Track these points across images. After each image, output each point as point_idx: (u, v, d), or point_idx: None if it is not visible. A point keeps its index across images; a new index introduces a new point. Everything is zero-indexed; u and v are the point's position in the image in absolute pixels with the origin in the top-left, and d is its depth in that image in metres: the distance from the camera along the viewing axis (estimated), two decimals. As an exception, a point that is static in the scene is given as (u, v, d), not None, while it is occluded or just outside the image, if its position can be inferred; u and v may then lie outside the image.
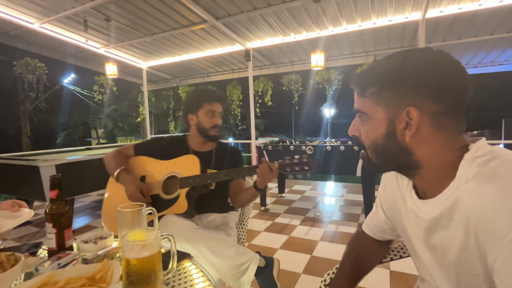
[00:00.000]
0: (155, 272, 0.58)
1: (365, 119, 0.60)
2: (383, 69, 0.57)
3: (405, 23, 3.76)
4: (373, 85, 0.57)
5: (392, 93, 0.55)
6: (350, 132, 0.65)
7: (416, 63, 0.54)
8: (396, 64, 0.55)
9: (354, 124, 0.64)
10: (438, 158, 0.55)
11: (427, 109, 0.53)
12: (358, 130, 0.63)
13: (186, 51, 5.08)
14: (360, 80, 0.60)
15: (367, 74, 0.59)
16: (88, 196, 4.52)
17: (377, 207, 0.81)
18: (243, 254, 1.16)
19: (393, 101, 0.55)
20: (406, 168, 0.60)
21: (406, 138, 0.55)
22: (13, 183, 2.80)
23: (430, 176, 0.57)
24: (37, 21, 3.82)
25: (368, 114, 0.59)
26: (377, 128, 0.58)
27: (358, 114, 0.62)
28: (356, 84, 0.61)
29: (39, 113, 10.45)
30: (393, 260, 0.90)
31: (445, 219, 0.54)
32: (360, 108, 0.61)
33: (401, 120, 0.54)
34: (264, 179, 1.22)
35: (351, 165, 3.06)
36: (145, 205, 0.84)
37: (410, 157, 0.57)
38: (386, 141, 0.58)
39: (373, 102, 0.58)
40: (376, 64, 0.59)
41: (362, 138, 0.62)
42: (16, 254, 0.68)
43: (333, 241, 2.64)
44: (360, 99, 0.60)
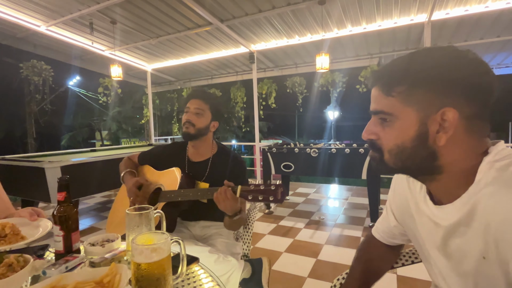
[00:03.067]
0: (165, 277, 0.57)
1: (389, 121, 0.55)
2: (413, 66, 0.52)
3: (411, 25, 3.74)
4: (402, 83, 0.52)
5: (425, 92, 0.51)
6: (365, 135, 0.59)
7: (450, 60, 0.50)
8: (428, 61, 0.51)
9: (371, 127, 0.59)
10: (462, 163, 0.52)
11: (462, 110, 0.49)
12: (376, 133, 0.58)
13: (190, 53, 5.09)
14: (384, 78, 0.55)
15: (393, 71, 0.54)
16: (93, 198, 4.53)
17: (387, 212, 0.79)
18: (223, 263, 1.06)
19: (425, 101, 0.51)
20: (425, 174, 0.57)
21: (439, 142, 0.51)
22: (19, 184, 2.81)
23: (449, 182, 0.54)
24: (43, 24, 3.86)
25: (394, 115, 0.54)
26: (405, 130, 0.53)
27: (380, 116, 0.56)
28: (379, 82, 0.56)
29: (44, 115, 10.54)
30: (405, 265, 0.88)
31: (463, 226, 0.52)
32: (383, 108, 0.55)
33: (433, 122, 0.51)
34: (220, 205, 1.07)
35: (357, 168, 3.03)
36: (153, 207, 0.83)
37: (434, 162, 0.53)
38: (414, 145, 0.53)
39: (401, 102, 0.52)
40: (401, 61, 0.54)
41: (382, 141, 0.57)
42: (25, 256, 0.68)
43: (338, 245, 2.62)
44: (384, 99, 0.55)
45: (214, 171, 1.36)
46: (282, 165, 3.45)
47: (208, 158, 1.39)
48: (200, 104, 1.34)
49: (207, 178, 1.35)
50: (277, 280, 2.02)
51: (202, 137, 1.36)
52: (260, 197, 0.98)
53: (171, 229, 1.30)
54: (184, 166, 1.39)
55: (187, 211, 1.34)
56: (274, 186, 0.97)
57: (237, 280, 1.06)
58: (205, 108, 1.34)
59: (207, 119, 1.35)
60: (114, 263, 0.66)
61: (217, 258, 1.08)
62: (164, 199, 1.26)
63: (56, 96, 10.88)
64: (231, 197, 1.04)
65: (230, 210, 1.08)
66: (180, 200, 1.22)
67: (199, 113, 1.33)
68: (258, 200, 0.99)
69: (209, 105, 1.35)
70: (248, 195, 1.00)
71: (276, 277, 2.05)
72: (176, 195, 1.23)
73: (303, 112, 16.75)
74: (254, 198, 1.00)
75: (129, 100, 12.50)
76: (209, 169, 1.37)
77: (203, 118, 1.34)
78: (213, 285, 0.68)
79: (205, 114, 1.34)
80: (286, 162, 3.42)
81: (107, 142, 15.11)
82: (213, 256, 1.08)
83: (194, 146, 1.39)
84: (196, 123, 1.33)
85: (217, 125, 1.39)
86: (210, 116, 1.35)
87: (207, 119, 1.35)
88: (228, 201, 1.04)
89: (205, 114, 1.34)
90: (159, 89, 7.20)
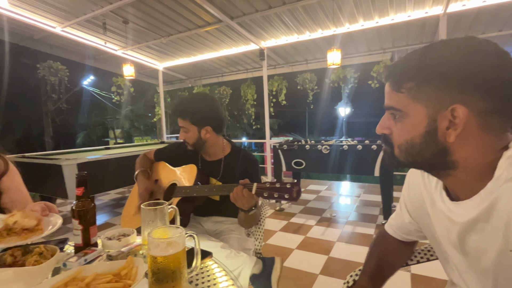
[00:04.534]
0: (180, 270, 0.59)
1: (399, 117, 0.55)
2: (424, 61, 0.51)
3: (425, 19, 3.64)
4: (411, 79, 0.52)
5: (434, 88, 0.50)
6: (379, 130, 0.60)
7: (464, 55, 0.48)
8: (440, 56, 0.50)
9: (384, 122, 0.59)
10: (479, 159, 0.51)
11: (474, 106, 0.48)
12: (389, 128, 0.58)
13: (201, 51, 5.12)
14: (395, 73, 0.55)
15: (404, 66, 0.54)
16: (107, 195, 4.64)
17: (401, 208, 0.78)
18: (234, 259, 1.09)
19: (435, 98, 0.50)
20: (438, 169, 0.56)
21: (449, 139, 0.50)
22: (37, 181, 2.91)
23: (465, 177, 0.53)
24: (59, 25, 3.96)
25: (403, 112, 0.54)
26: (414, 127, 0.53)
27: (391, 111, 0.57)
28: (390, 77, 0.56)
29: (60, 114, 10.86)
30: (420, 262, 0.87)
31: (482, 222, 0.51)
32: (394, 104, 0.55)
33: (443, 118, 0.50)
34: (237, 203, 1.09)
35: (369, 165, 2.99)
36: (167, 203, 0.85)
37: (447, 158, 0.52)
38: (423, 141, 0.53)
39: (410, 98, 0.52)
40: (414, 56, 0.53)
41: (393, 136, 0.58)
42: (51, 246, 0.72)
43: (350, 242, 2.59)
44: (394, 95, 0.55)
45: (228, 171, 1.37)
46: (293, 162, 3.43)
47: (221, 159, 1.40)
48: (181, 122, 1.33)
49: (222, 178, 1.36)
50: (289, 276, 2.02)
51: (205, 144, 1.36)
52: (275, 194, 0.98)
53: (185, 224, 1.33)
54: (198, 164, 1.41)
55: (200, 207, 1.36)
56: (290, 184, 0.97)
57: (247, 275, 1.07)
58: (185, 123, 1.32)
59: (194, 132, 1.33)
60: (131, 257, 0.67)
61: (229, 253, 1.09)
62: (179, 194, 1.28)
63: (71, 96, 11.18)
64: (248, 195, 1.05)
65: (247, 206, 1.09)
66: (195, 195, 1.23)
67: (185, 130, 1.34)
68: (273, 197, 0.99)
69: (188, 119, 1.31)
70: (264, 193, 1.01)
71: (287, 274, 2.05)
72: (191, 191, 1.25)
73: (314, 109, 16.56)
74: (269, 196, 1.00)
75: (141, 98, 12.71)
76: (222, 169, 1.38)
77: (190, 133, 1.33)
78: (226, 279, 0.69)
79: (190, 128, 1.32)
80: (297, 159, 3.41)
81: (120, 140, 15.42)
82: (225, 251, 1.10)
83: (205, 150, 1.40)
84: (187, 139, 1.34)
85: (211, 129, 1.33)
86: (195, 128, 1.32)
87: (194, 132, 1.33)
88: (245, 199, 1.05)
89: (190, 129, 1.32)
90: (170, 88, 7.27)
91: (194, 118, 1.32)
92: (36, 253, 0.68)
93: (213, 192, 1.20)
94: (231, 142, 1.48)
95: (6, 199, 1.11)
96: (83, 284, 0.58)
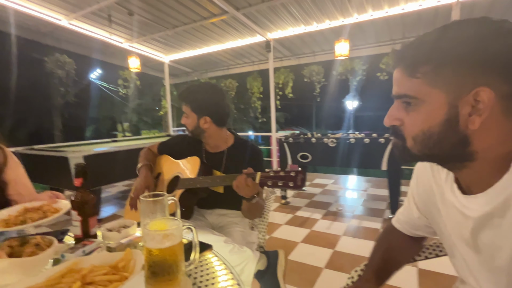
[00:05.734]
0: (177, 263, 0.57)
1: (414, 105, 0.50)
2: (442, 42, 0.46)
3: (437, 7, 3.51)
4: (428, 62, 0.47)
5: (454, 71, 0.45)
6: (388, 121, 0.55)
7: (486, 34, 0.44)
8: (459, 36, 0.45)
9: (393, 112, 0.54)
10: (498, 149, 0.47)
11: (498, 89, 0.43)
12: (400, 119, 0.53)
13: (206, 43, 5.08)
14: (408, 57, 0.50)
15: (418, 48, 0.49)
16: (115, 187, 4.70)
17: (409, 203, 0.74)
18: (237, 254, 1.07)
19: (455, 81, 0.45)
20: (455, 161, 0.51)
21: (472, 126, 0.46)
22: (46, 173, 2.95)
23: (482, 169, 0.49)
24: (64, 18, 3.96)
25: (419, 99, 0.49)
26: (432, 115, 0.48)
27: (403, 100, 0.52)
28: (402, 62, 0.51)
29: (69, 108, 10.99)
30: (428, 258, 0.83)
31: (497, 217, 0.48)
32: (407, 91, 0.50)
33: (465, 103, 0.45)
34: (240, 191, 1.08)
35: (376, 158, 2.93)
36: (167, 195, 0.83)
37: (466, 148, 0.48)
38: (443, 130, 0.48)
39: (427, 83, 0.47)
40: (429, 37, 0.48)
41: (406, 127, 0.52)
42: (49, 237, 0.72)
43: (356, 236, 2.57)
44: (407, 81, 0.50)
45: (231, 162, 1.37)
46: (299, 155, 3.40)
47: (223, 151, 1.39)
48: (183, 107, 1.36)
49: (225, 170, 1.35)
50: (294, 270, 2.01)
51: (204, 134, 1.36)
52: (279, 183, 0.96)
53: (188, 217, 1.32)
54: (201, 156, 1.39)
55: (204, 199, 1.34)
56: (295, 172, 0.95)
57: (251, 271, 1.06)
58: (186, 109, 1.35)
59: (193, 119, 1.34)
60: (129, 249, 0.66)
61: (232, 248, 1.08)
62: (183, 186, 1.27)
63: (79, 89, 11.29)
64: (252, 184, 1.04)
65: (249, 194, 1.08)
66: (198, 187, 1.22)
67: (185, 116, 1.36)
68: (278, 186, 0.97)
69: (189, 105, 1.33)
70: (268, 181, 0.99)
71: (292, 267, 2.04)
72: (194, 182, 1.24)
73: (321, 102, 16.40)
74: (273, 184, 0.98)
75: (149, 92, 12.77)
76: (225, 161, 1.37)
77: (189, 120, 1.35)
78: (226, 273, 0.67)
79: (190, 115, 1.34)
80: (303, 153, 3.37)
81: (128, 133, 15.58)
82: (228, 246, 1.08)
83: (205, 140, 1.40)
84: (187, 125, 1.36)
85: (210, 120, 1.32)
86: (195, 116, 1.33)
87: (193, 119, 1.34)
88: (248, 188, 1.04)
89: (190, 115, 1.34)
90: (176, 81, 7.27)
91: (194, 106, 1.33)
92: (32, 244, 0.68)
93: (217, 183, 1.19)
94: (235, 134, 1.46)
95: (12, 191, 1.12)
96: (79, 275, 0.57)
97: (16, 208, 0.89)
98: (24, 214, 0.85)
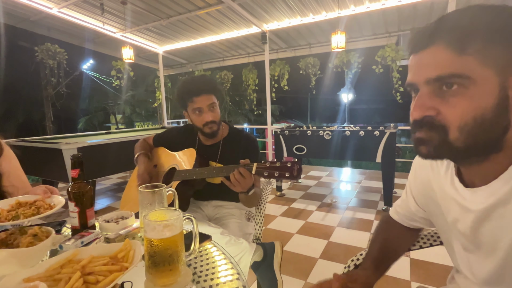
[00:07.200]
0: (177, 253, 0.57)
1: (461, 87, 0.43)
2: (488, 16, 0.42)
3: (433, 0, 3.51)
4: (478, 38, 0.42)
5: (505, 48, 0.41)
6: (419, 113, 0.47)
7: None
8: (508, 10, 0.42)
9: (425, 100, 0.46)
10: None
11: None
12: (435, 107, 0.46)
13: (201, 34, 5.00)
14: (456, 30, 0.44)
15: (469, 22, 0.43)
16: (109, 179, 4.67)
17: (407, 195, 0.75)
18: (234, 245, 1.07)
19: (506, 60, 0.42)
20: (487, 153, 0.47)
21: None
22: (38, 165, 2.91)
23: (501, 162, 0.47)
24: (55, 6, 3.85)
25: (471, 78, 0.42)
26: (484, 98, 0.42)
27: (447, 81, 0.44)
28: (444, 36, 0.44)
29: (60, 99, 10.78)
30: (423, 248, 0.85)
31: (500, 208, 0.47)
32: (456, 70, 0.43)
33: None
34: (237, 189, 1.07)
35: (371, 151, 2.96)
36: (165, 186, 0.83)
37: (503, 137, 0.44)
38: (494, 116, 0.43)
39: (480, 61, 0.42)
40: (479, 12, 0.43)
41: (448, 116, 0.45)
42: (46, 228, 0.71)
43: (350, 227, 2.61)
44: (456, 58, 0.43)
45: (226, 152, 1.37)
46: (294, 147, 3.41)
47: (219, 141, 1.39)
48: (211, 98, 1.30)
49: (220, 160, 1.36)
50: (289, 260, 2.04)
51: (220, 125, 1.37)
52: (276, 173, 0.96)
53: (184, 209, 1.32)
54: (197, 147, 1.39)
55: (200, 191, 1.35)
56: (291, 163, 0.95)
57: (247, 262, 1.07)
58: (215, 99, 1.31)
59: (219, 109, 1.34)
60: (128, 239, 0.66)
61: (229, 240, 1.09)
62: (179, 178, 1.27)
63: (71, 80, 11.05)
64: (248, 176, 1.03)
65: (246, 188, 1.07)
66: (194, 178, 1.22)
67: (214, 106, 1.31)
68: (274, 176, 0.97)
69: (216, 94, 1.32)
70: (264, 172, 0.99)
71: (287, 258, 2.07)
72: (190, 174, 1.23)
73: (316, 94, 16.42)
74: (270, 175, 0.98)
75: (142, 84, 12.58)
76: (220, 151, 1.37)
77: (217, 110, 1.33)
78: (225, 262, 0.68)
79: (217, 106, 1.33)
80: (299, 145, 3.38)
81: (121, 125, 15.40)
82: (225, 238, 1.09)
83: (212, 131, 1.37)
84: (217, 117, 1.32)
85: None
86: (218, 103, 1.34)
87: (219, 109, 1.34)
88: (245, 180, 1.03)
89: (217, 106, 1.33)
90: (170, 72, 7.17)
91: (218, 96, 1.32)
92: (30, 235, 0.67)
93: (213, 174, 1.18)
94: (229, 125, 1.46)
95: (6, 182, 1.11)
96: (79, 266, 0.57)
97: (8, 202, 0.87)
98: (17, 208, 0.83)
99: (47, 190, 0.93)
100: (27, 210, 0.81)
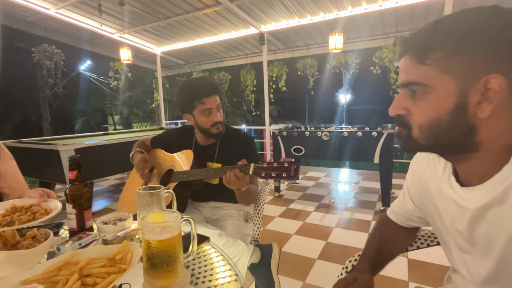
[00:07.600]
0: (175, 255, 0.57)
1: (422, 93, 0.49)
2: (454, 28, 0.46)
3: (430, 2, 3.53)
4: (439, 48, 0.46)
5: (466, 57, 0.44)
6: (393, 111, 0.54)
7: (497, 19, 0.43)
8: (473, 22, 0.45)
9: (399, 102, 0.53)
10: (503, 140, 0.47)
11: (509, 77, 0.43)
12: (406, 108, 0.52)
13: (199, 35, 5.00)
14: (419, 43, 0.49)
15: (430, 35, 0.48)
16: (106, 180, 4.65)
17: (404, 195, 0.76)
18: (231, 247, 1.07)
19: (467, 68, 0.45)
20: (459, 151, 0.51)
21: (481, 114, 0.45)
22: (35, 167, 2.89)
23: (485, 160, 0.49)
24: (52, 7, 3.84)
25: (429, 86, 0.48)
26: (441, 102, 0.47)
27: (411, 88, 0.50)
28: (411, 49, 0.50)
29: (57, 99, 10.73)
30: (420, 248, 0.86)
31: (495, 207, 0.48)
32: (416, 78, 0.49)
33: (475, 91, 0.45)
34: (231, 187, 1.08)
35: (369, 152, 2.97)
36: (163, 187, 0.83)
37: (473, 138, 0.48)
38: (452, 119, 0.47)
39: (438, 70, 0.46)
40: (441, 24, 0.47)
41: (412, 116, 0.52)
42: (45, 230, 0.71)
43: (348, 228, 2.61)
44: (417, 68, 0.49)
45: (224, 152, 1.37)
46: (292, 148, 3.41)
47: (216, 142, 1.40)
48: (218, 99, 1.32)
49: (218, 160, 1.36)
50: (287, 261, 2.04)
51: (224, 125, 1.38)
52: (273, 173, 0.97)
53: (182, 210, 1.32)
54: (193, 148, 1.40)
55: (198, 192, 1.35)
56: (288, 163, 0.96)
57: (245, 264, 1.07)
58: (219, 101, 1.33)
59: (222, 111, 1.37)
60: (126, 241, 0.66)
61: (226, 242, 1.08)
62: (176, 179, 1.27)
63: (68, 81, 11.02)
64: (242, 178, 1.04)
65: (240, 187, 1.08)
66: (192, 179, 1.22)
67: (220, 108, 1.34)
68: (271, 176, 0.98)
69: (220, 96, 1.35)
70: (261, 172, 1.00)
71: (285, 259, 2.07)
72: (188, 175, 1.23)
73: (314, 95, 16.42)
74: (267, 175, 0.99)
75: (140, 85, 12.56)
76: (217, 151, 1.38)
77: (221, 111, 1.35)
78: (224, 264, 0.68)
79: (220, 106, 1.35)
80: (297, 146, 3.39)
81: (119, 126, 15.35)
82: (222, 239, 1.09)
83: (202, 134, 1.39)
84: (222, 119, 1.34)
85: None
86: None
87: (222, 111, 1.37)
88: (239, 181, 1.04)
89: (221, 107, 1.35)
90: (168, 73, 7.16)
91: (221, 94, 1.35)
92: (29, 237, 0.67)
93: (210, 175, 1.19)
94: (226, 125, 1.46)
95: (3, 183, 1.10)
96: (77, 268, 0.57)
97: (4, 205, 0.82)
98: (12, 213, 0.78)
99: (44, 194, 0.91)
100: (23, 215, 0.78)
